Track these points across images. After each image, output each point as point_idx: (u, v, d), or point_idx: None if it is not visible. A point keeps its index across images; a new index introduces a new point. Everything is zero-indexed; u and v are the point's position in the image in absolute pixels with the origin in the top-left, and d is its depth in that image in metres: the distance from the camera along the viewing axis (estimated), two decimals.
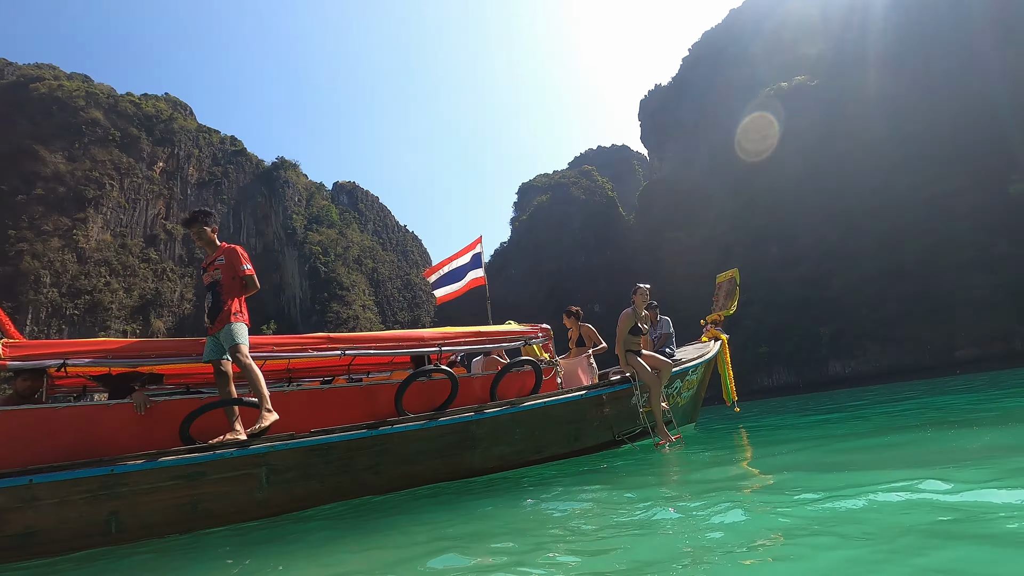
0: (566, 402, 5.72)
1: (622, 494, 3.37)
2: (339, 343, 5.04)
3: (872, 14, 79.09)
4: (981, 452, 3.39)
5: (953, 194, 59.57)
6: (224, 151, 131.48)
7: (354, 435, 4.63)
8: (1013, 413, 5.74)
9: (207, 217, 4.72)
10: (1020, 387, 10.45)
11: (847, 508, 2.19)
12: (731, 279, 7.97)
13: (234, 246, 4.75)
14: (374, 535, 3.17)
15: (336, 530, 3.58)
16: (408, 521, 3.52)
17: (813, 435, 6.11)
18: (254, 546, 3.36)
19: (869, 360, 60.76)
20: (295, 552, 2.96)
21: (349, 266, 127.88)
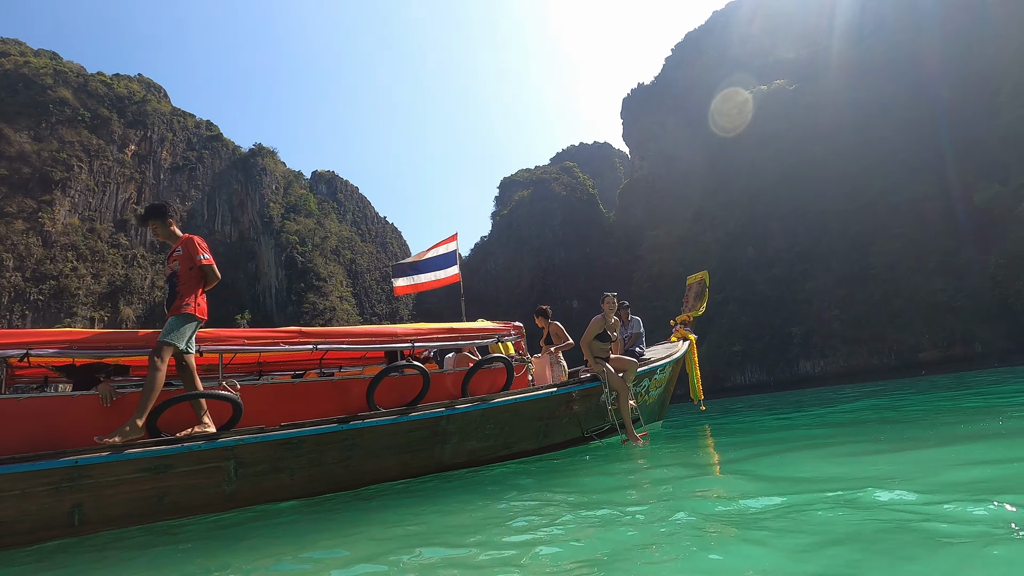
0: (536, 399, 5.82)
1: (585, 490, 3.47)
2: (311, 337, 5.04)
3: (845, 20, 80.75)
4: (920, 453, 3.57)
5: (921, 200, 61.37)
6: (199, 136, 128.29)
7: (324, 429, 4.65)
8: (964, 413, 6.03)
9: (163, 210, 4.68)
10: (979, 388, 10.92)
11: (788, 504, 2.31)
12: (701, 281, 8.15)
13: (192, 236, 4.72)
14: (342, 528, 3.21)
15: (304, 523, 3.61)
16: (377, 514, 3.57)
17: (770, 435, 6.31)
18: (219, 539, 3.37)
19: (837, 360, 62.42)
20: (260, 545, 2.99)
21: (327, 256, 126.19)
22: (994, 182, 55.83)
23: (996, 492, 2.14)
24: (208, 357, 5.40)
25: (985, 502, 2.00)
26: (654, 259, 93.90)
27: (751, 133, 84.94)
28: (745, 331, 71.39)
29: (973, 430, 4.43)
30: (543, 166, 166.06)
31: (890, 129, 68.22)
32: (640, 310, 51.77)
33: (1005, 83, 58.39)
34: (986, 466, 2.82)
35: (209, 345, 4.64)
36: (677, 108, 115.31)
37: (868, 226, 64.41)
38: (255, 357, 6.15)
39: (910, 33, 71.42)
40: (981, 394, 9.03)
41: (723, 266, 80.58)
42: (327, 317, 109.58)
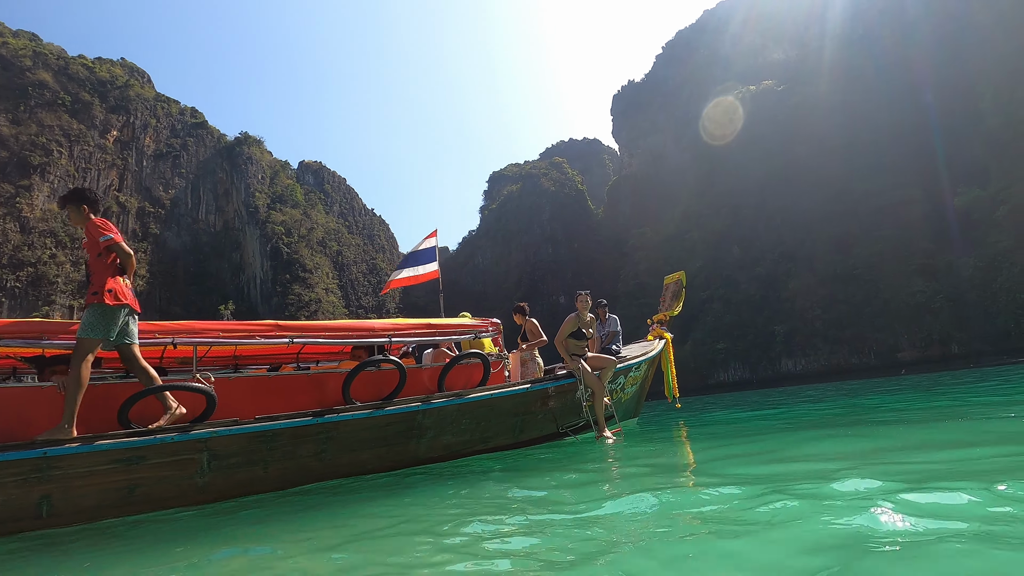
0: (512, 395, 5.87)
1: (552, 485, 3.52)
2: (287, 331, 5.02)
3: (834, 24, 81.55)
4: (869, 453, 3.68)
5: (903, 203, 62.36)
6: (184, 123, 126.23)
7: (299, 422, 4.65)
8: (938, 412, 6.18)
9: (80, 195, 4.23)
10: (954, 387, 11.18)
11: (753, 501, 2.38)
12: (677, 281, 8.25)
13: (95, 218, 4.22)
14: (314, 520, 3.23)
15: (277, 515, 3.62)
16: (353, 507, 3.59)
17: (743, 432, 6.41)
18: (190, 531, 3.38)
19: (819, 359, 63.43)
20: (230, 537, 3.00)
21: (313, 248, 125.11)
22: (974, 186, 56.92)
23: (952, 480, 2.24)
24: (183, 349, 5.36)
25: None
26: (641, 256, 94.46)
27: (738, 133, 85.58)
28: (729, 329, 72.22)
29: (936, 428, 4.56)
30: (532, 161, 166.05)
31: (875, 132, 69.18)
32: (627, 307, 52.97)
33: (988, 89, 59.45)
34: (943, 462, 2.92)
35: (184, 337, 4.61)
36: (667, 106, 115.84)
37: (851, 227, 65.35)
38: (231, 350, 6.10)
39: (898, 38, 72.36)
40: (956, 393, 9.27)
41: (709, 265, 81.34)
42: (312, 309, 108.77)
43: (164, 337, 4.54)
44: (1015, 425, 4.32)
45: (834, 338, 62.38)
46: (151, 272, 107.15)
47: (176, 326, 4.62)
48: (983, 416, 5.25)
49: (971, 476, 2.47)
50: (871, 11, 77.62)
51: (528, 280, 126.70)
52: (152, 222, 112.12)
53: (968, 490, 2.10)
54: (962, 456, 3.12)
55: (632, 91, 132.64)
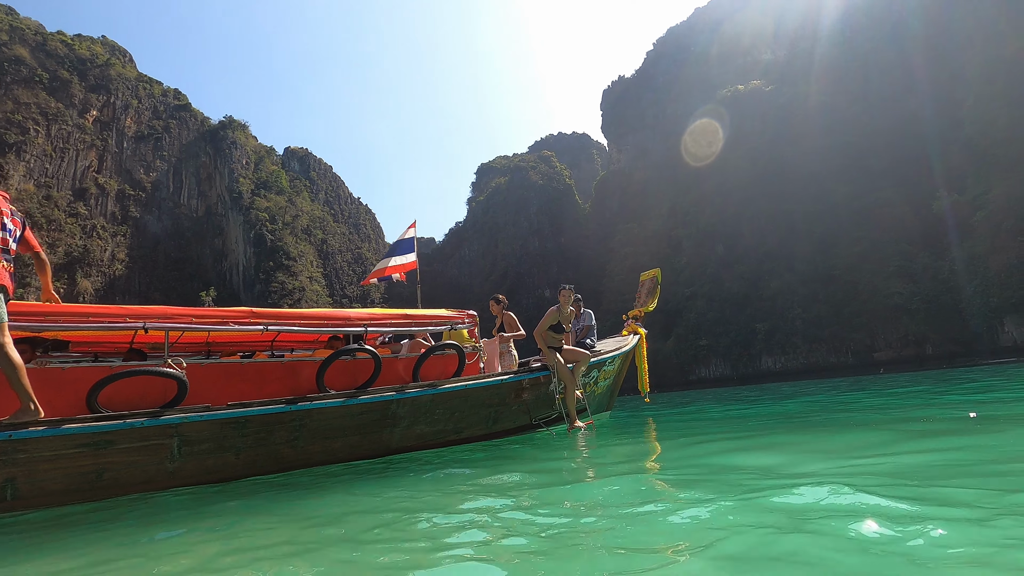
0: (486, 386, 5.92)
1: (528, 475, 3.57)
2: (262, 318, 5.01)
3: (822, 28, 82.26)
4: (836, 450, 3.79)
5: (883, 206, 63.42)
6: (167, 104, 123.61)
7: (272, 409, 4.65)
8: (904, 412, 6.36)
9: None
10: (930, 387, 11.46)
11: (713, 492, 2.46)
12: (653, 278, 8.36)
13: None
14: (286, 508, 3.25)
15: (251, 503, 3.63)
16: (323, 497, 3.61)
17: (710, 428, 6.52)
18: (158, 516, 3.38)
19: (798, 357, 64.51)
20: (196, 524, 3.01)
21: (297, 235, 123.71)
22: (953, 191, 58.05)
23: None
24: (155, 335, 5.31)
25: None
26: (627, 252, 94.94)
27: (726, 132, 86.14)
28: (712, 326, 73.07)
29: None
30: (521, 154, 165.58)
31: (859, 135, 70.12)
32: (612, 302, 53.30)
33: (968, 96, 60.51)
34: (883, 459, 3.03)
35: (155, 322, 4.56)
36: (656, 103, 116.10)
37: (833, 228, 66.33)
38: (203, 337, 6.05)
39: (885, 44, 73.23)
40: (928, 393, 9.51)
41: (693, 262, 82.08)
42: (296, 297, 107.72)
43: (135, 322, 4.48)
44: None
45: (813, 337, 63.46)
46: (130, 256, 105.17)
47: (147, 311, 4.58)
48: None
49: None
50: (860, 16, 78.43)
51: (514, 273, 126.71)
52: (132, 205, 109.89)
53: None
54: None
55: (622, 87, 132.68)
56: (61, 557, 2.37)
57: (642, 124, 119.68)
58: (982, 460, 2.85)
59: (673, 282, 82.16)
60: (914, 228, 60.59)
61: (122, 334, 5.35)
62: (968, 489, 2.16)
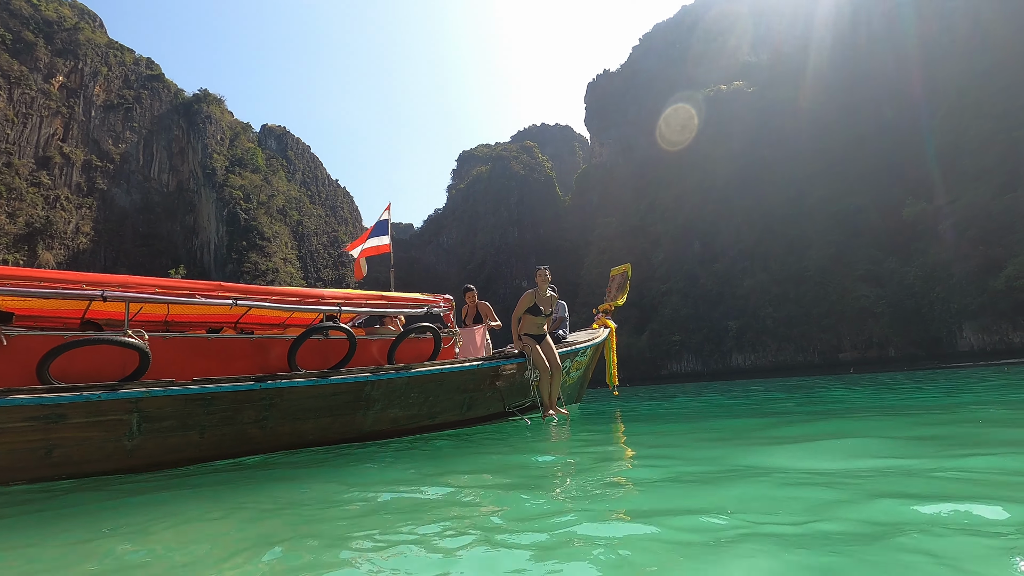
0: (462, 370, 5.80)
1: (506, 465, 3.49)
2: (231, 292, 4.77)
3: (810, 33, 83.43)
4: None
5: (855, 211, 64.99)
6: (138, 74, 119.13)
7: (241, 386, 4.45)
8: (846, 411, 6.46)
9: None
10: (891, 386, 11.74)
11: (680, 480, 2.41)
12: (623, 273, 8.44)
13: None
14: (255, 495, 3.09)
15: (212, 491, 3.46)
16: (273, 484, 3.46)
17: (671, 421, 6.54)
18: (113, 501, 3.19)
19: (767, 355, 65.99)
20: (154, 512, 2.84)
21: (272, 216, 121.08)
22: (922, 199, 59.74)
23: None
24: (111, 308, 5.03)
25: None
26: (605, 246, 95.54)
27: (706, 131, 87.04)
28: (685, 322, 74.19)
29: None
30: (503, 143, 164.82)
31: (835, 141, 71.57)
32: (589, 295, 53.87)
33: (939, 107, 62.21)
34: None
35: (115, 291, 4.26)
36: (639, 99, 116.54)
37: (807, 231, 67.73)
38: (162, 314, 5.70)
39: (863, 53, 74.70)
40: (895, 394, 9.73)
41: (670, 258, 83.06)
42: (269, 279, 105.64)
43: (92, 289, 4.18)
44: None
45: (783, 336, 64.93)
46: (96, 230, 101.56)
47: (106, 278, 4.29)
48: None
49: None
50: (840, 25, 79.76)
51: (492, 262, 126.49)
52: (99, 177, 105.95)
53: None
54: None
55: (607, 81, 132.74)
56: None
57: (625, 119, 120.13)
58: None
59: (649, 277, 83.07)
60: (883, 234, 62.27)
61: (75, 305, 5.02)
62: None
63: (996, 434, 3.45)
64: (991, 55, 57.79)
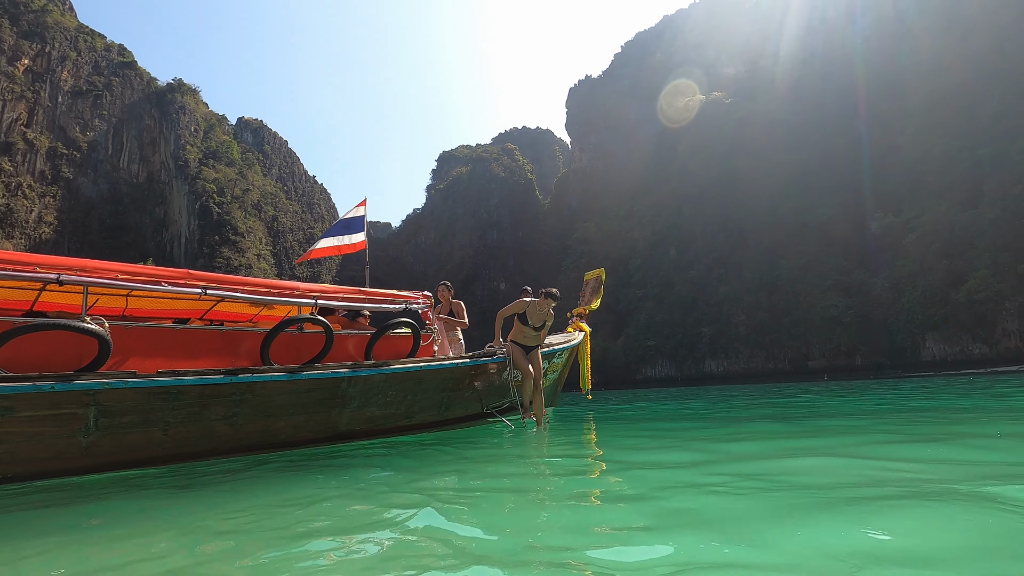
0: (443, 368, 5.64)
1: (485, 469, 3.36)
2: (200, 281, 4.51)
3: (784, 48, 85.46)
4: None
5: (826, 223, 66.69)
6: (109, 60, 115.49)
7: (210, 380, 4.18)
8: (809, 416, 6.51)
9: None
10: (860, 394, 11.94)
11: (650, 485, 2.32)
12: (597, 278, 8.45)
13: None
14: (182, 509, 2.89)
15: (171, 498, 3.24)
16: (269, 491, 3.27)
17: (639, 426, 6.52)
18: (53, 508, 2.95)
19: (739, 361, 67.10)
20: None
21: (247, 210, 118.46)
22: (889, 213, 61.63)
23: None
24: (66, 299, 4.72)
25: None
26: (583, 250, 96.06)
27: (685, 139, 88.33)
28: (660, 328, 74.98)
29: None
30: (484, 145, 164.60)
31: (809, 153, 73.37)
32: (566, 299, 53.06)
33: (909, 124, 64.31)
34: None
35: (71, 275, 3.93)
36: (620, 105, 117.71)
37: (780, 240, 69.20)
38: (120, 307, 5.34)
39: (840, 69, 76.83)
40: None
41: (647, 264, 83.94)
42: (242, 275, 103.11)
43: (48, 272, 3.85)
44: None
45: (754, 343, 66.11)
46: (60, 220, 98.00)
47: (63, 260, 3.97)
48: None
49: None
50: (817, 41, 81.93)
51: (471, 264, 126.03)
52: (65, 165, 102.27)
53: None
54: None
55: (588, 86, 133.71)
56: None
57: (605, 125, 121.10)
58: None
59: (626, 283, 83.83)
60: (853, 245, 64.01)
61: (23, 296, 4.62)
62: None
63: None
64: (956, 77, 60.00)
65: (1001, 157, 52.45)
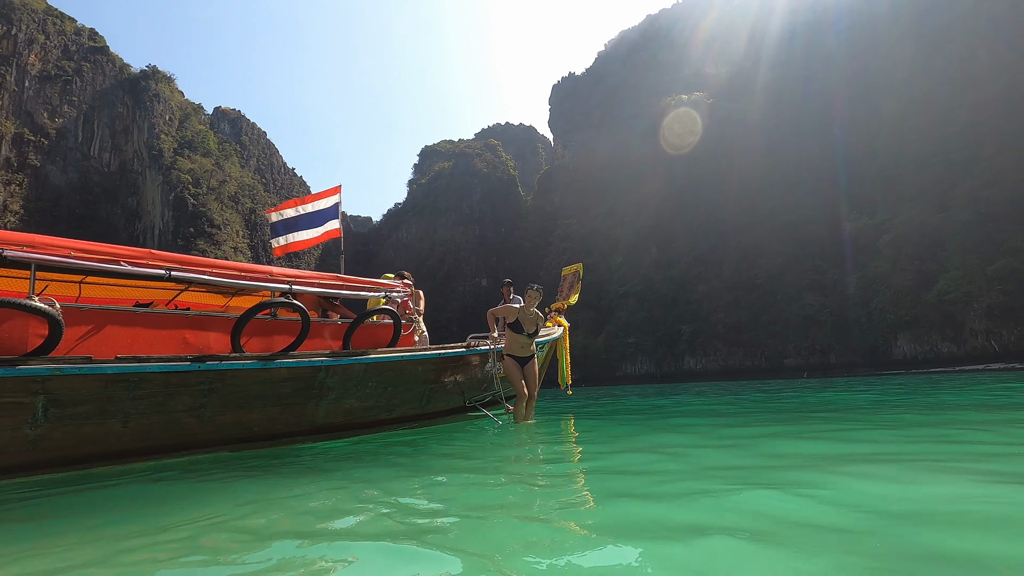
0: (425, 359, 5.40)
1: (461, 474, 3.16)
2: (164, 261, 4.19)
3: (766, 52, 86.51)
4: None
5: (803, 223, 67.76)
6: (80, 45, 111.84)
7: (176, 367, 3.86)
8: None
9: None
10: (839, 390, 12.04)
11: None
12: (575, 273, 8.38)
13: None
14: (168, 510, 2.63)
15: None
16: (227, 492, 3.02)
17: (617, 422, 6.42)
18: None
19: (717, 359, 67.91)
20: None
21: (223, 202, 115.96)
22: (864, 215, 62.83)
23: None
24: (6, 282, 4.35)
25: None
26: (565, 247, 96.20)
27: (667, 138, 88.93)
28: (641, 325, 75.52)
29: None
30: (467, 140, 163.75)
31: (788, 154, 74.43)
32: (549, 295, 53.22)
33: (883, 128, 65.63)
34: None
35: (16, 250, 3.57)
36: (603, 104, 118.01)
37: (759, 240, 70.13)
38: (73, 296, 4.92)
39: (819, 71, 78.03)
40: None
41: (628, 262, 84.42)
42: None
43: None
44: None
45: (733, 341, 66.96)
46: (26, 209, 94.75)
47: (13, 236, 3.63)
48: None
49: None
50: (797, 44, 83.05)
51: (452, 259, 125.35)
52: (32, 152, 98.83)
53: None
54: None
55: (572, 84, 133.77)
56: None
57: (588, 123, 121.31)
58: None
59: (608, 280, 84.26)
60: (829, 246, 65.11)
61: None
62: None
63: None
64: (930, 83, 61.36)
65: (972, 162, 53.78)
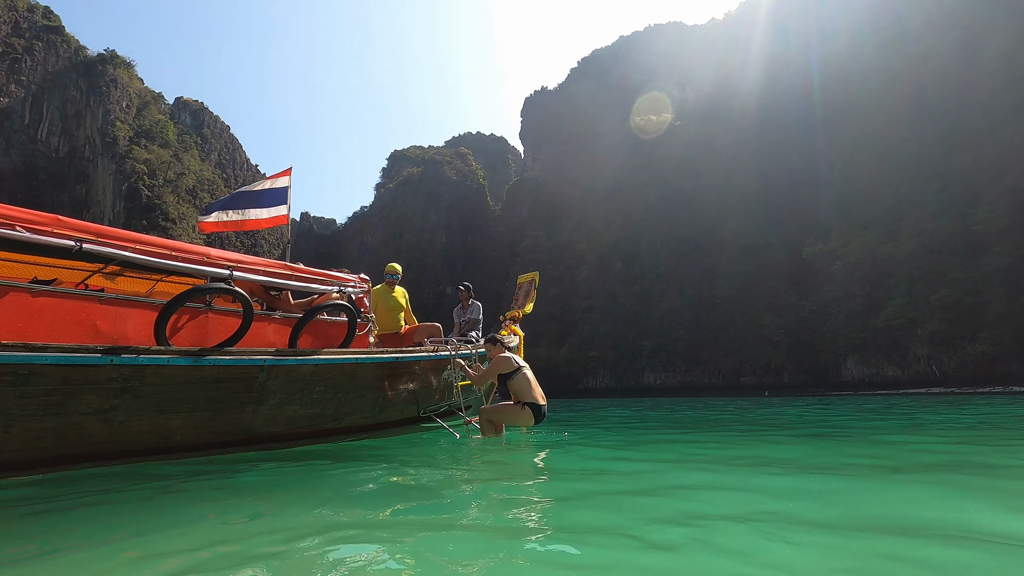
0: (381, 362, 4.88)
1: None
2: (74, 231, 3.55)
3: (730, 80, 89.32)
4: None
5: (763, 246, 69.86)
6: (31, 23, 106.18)
7: (80, 359, 3.20)
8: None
9: None
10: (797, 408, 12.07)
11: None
12: (531, 281, 8.20)
13: None
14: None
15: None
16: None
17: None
18: None
19: (676, 375, 68.90)
20: None
21: (180, 196, 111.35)
22: (819, 241, 65.24)
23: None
24: None
25: None
26: (532, 259, 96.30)
27: (634, 158, 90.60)
28: (603, 339, 76.04)
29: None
30: (437, 147, 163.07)
31: (747, 179, 76.81)
32: (504, 304, 52.41)
33: (837, 160, 68.56)
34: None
35: None
36: (574, 119, 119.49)
37: (720, 260, 71.90)
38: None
39: (775, 102, 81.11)
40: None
41: (593, 276, 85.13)
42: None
43: None
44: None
45: (692, 358, 68.11)
46: None
47: None
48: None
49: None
50: (761, 75, 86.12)
51: (417, 266, 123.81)
52: None
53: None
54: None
55: (544, 98, 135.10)
56: None
57: (558, 137, 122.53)
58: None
59: (572, 293, 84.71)
60: (786, 269, 67.25)
61: None
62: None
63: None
64: (883, 118, 64.48)
65: (919, 195, 56.58)
